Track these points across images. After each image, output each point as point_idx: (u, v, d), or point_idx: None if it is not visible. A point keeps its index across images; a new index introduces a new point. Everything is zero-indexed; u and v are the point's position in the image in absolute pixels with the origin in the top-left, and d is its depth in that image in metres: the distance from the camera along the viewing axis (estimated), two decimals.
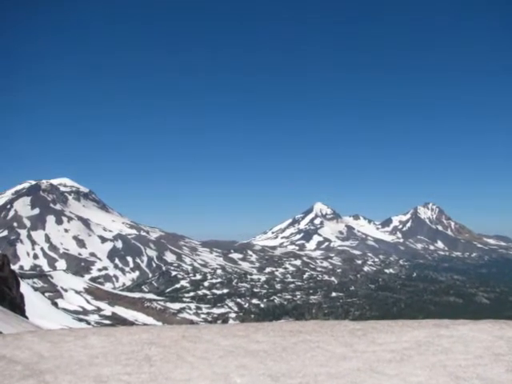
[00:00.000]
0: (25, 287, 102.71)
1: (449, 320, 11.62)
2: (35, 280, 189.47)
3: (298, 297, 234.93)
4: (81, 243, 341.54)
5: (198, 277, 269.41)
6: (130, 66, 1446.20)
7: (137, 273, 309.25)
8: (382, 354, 8.93)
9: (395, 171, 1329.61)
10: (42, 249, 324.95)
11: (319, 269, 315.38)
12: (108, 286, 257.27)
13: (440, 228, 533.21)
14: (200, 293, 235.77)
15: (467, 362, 8.39)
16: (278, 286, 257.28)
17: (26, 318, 68.74)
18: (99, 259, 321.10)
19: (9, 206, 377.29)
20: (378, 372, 8.02)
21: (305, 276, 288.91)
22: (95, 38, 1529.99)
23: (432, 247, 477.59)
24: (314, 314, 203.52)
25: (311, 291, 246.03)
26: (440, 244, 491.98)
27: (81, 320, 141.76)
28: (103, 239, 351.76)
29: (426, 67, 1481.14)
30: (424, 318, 16.20)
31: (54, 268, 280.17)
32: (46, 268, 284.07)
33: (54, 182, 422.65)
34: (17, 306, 68.60)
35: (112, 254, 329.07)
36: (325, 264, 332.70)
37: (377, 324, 11.21)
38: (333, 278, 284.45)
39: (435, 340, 9.76)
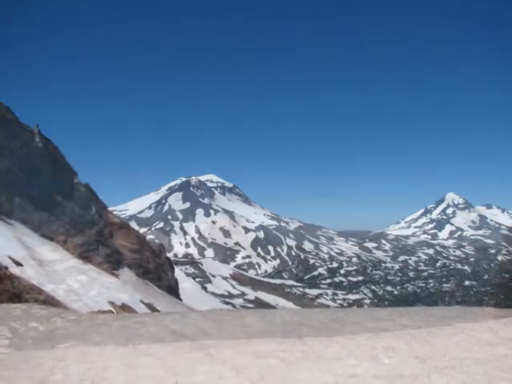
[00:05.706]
0: (178, 273, 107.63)
1: None
2: (187, 266, 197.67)
3: (431, 284, 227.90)
4: (227, 233, 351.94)
5: (335, 265, 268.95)
6: None
7: (277, 261, 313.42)
8: None
9: None
10: (192, 239, 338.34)
11: (452, 257, 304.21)
12: (251, 273, 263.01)
13: None
14: (336, 280, 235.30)
15: None
16: (411, 274, 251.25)
17: (180, 299, 72.24)
18: (243, 248, 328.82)
19: (164, 201, 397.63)
20: None
21: (437, 264, 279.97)
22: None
23: None
24: (447, 301, 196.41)
25: (444, 279, 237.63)
26: None
27: (227, 303, 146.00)
28: (247, 230, 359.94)
29: None
30: None
31: (204, 256, 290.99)
32: (196, 256, 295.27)
33: (202, 178, 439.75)
34: (172, 289, 72.34)
35: (255, 244, 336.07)
36: (457, 253, 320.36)
37: None
38: (466, 267, 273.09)
39: None
